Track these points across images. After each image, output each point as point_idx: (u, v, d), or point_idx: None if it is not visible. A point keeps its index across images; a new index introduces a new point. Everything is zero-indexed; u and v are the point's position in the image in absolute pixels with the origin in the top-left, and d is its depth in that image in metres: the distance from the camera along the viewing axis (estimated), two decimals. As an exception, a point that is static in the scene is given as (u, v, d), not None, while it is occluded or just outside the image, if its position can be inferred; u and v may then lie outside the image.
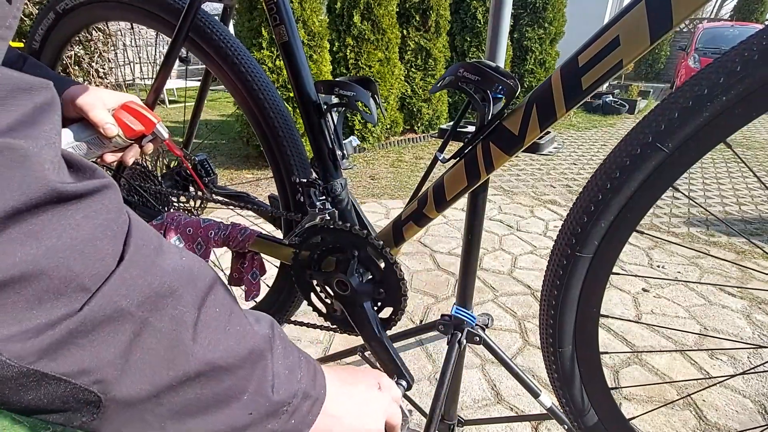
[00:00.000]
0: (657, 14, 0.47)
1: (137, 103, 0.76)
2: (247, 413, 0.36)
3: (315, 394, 0.42)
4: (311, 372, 0.43)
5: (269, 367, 0.38)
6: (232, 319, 0.36)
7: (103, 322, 0.28)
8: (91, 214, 0.28)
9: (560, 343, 0.64)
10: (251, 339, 0.37)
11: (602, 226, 0.54)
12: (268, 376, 0.38)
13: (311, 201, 0.84)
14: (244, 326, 0.37)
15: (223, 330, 0.35)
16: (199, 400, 0.34)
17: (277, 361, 0.39)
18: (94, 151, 0.74)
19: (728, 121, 0.46)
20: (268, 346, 0.39)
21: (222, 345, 0.34)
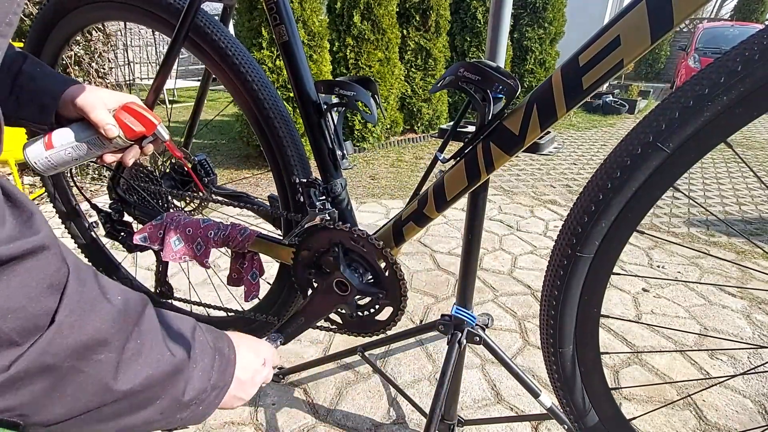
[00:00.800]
0: (658, 14, 0.47)
1: (138, 104, 0.76)
2: (158, 413, 0.42)
3: (223, 383, 0.49)
4: (223, 366, 0.50)
5: (182, 379, 0.43)
6: (153, 347, 0.40)
7: (28, 377, 0.30)
8: (26, 275, 0.29)
9: (561, 343, 0.64)
10: (169, 363, 0.41)
11: (603, 226, 0.54)
12: (181, 385, 0.43)
13: (311, 201, 0.84)
14: (163, 353, 0.41)
15: (144, 362, 0.39)
16: (115, 413, 0.38)
17: (191, 369, 0.44)
18: (94, 151, 0.74)
19: (729, 121, 0.46)
20: (185, 363, 0.44)
21: (141, 375, 0.38)
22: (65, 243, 1.38)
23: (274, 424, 1.37)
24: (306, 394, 1.49)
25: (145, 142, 0.79)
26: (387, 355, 1.68)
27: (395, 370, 1.60)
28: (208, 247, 0.95)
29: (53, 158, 0.71)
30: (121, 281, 1.50)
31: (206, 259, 0.97)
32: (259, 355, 0.60)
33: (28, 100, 0.70)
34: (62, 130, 0.72)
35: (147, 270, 2.13)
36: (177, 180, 1.15)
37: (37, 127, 0.72)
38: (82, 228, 1.45)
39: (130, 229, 1.19)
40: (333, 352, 1.58)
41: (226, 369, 0.50)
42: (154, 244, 0.98)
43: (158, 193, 1.13)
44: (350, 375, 1.57)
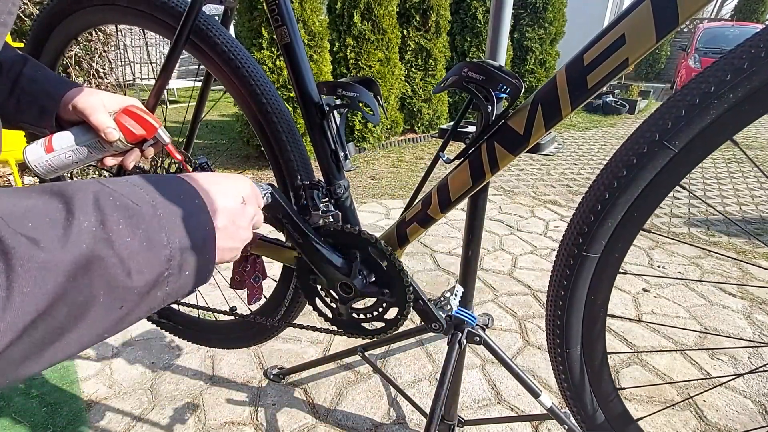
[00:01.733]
0: (663, 12, 0.47)
1: (139, 107, 0.76)
2: (115, 309, 0.35)
3: (198, 238, 0.41)
4: (182, 218, 0.40)
5: (111, 263, 0.34)
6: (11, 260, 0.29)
7: None
8: None
9: (568, 344, 0.63)
10: (62, 264, 0.31)
11: (609, 225, 0.54)
12: (116, 270, 0.34)
13: (314, 203, 0.84)
14: (38, 259, 0.31)
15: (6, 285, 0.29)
16: (45, 336, 0.31)
17: (119, 244, 0.34)
18: (95, 154, 0.74)
19: (735, 119, 0.45)
20: (100, 244, 0.33)
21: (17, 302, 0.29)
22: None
23: (274, 424, 1.37)
24: (306, 394, 1.48)
25: (146, 145, 0.78)
26: (387, 355, 1.67)
27: (395, 370, 1.60)
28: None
29: (53, 161, 0.71)
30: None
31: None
32: (232, 192, 0.50)
33: (28, 103, 0.70)
34: (63, 133, 0.71)
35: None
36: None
37: (38, 130, 0.72)
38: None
39: None
40: (333, 352, 1.58)
41: (190, 220, 0.41)
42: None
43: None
44: (350, 375, 1.57)
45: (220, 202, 0.46)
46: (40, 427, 1.34)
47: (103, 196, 0.36)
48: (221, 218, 0.46)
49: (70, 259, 0.32)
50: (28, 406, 1.41)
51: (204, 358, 1.65)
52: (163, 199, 0.39)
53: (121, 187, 0.38)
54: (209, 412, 1.40)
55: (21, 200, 0.32)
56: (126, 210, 0.36)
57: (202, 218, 0.42)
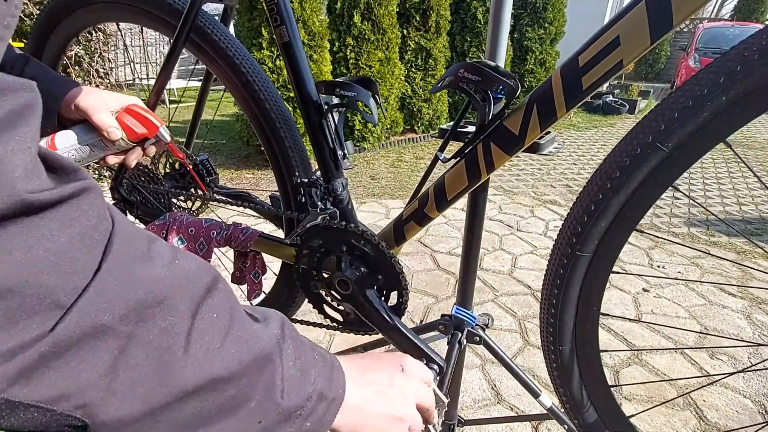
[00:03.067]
0: (657, 14, 0.48)
1: (140, 106, 0.76)
2: (255, 421, 0.34)
3: (332, 394, 0.40)
4: (327, 370, 0.41)
5: (278, 372, 0.36)
6: (233, 323, 0.34)
7: (81, 341, 0.26)
8: (67, 222, 0.26)
9: (560, 342, 0.64)
10: (255, 344, 0.34)
11: (602, 226, 0.55)
12: (277, 381, 0.35)
13: (312, 201, 0.84)
14: (246, 331, 0.35)
15: (222, 337, 0.32)
16: (200, 414, 0.31)
17: (287, 363, 0.37)
18: (97, 153, 0.75)
19: (728, 121, 0.46)
20: (277, 349, 0.36)
21: (221, 354, 0.32)
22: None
23: (275, 423, 1.37)
24: (306, 394, 1.49)
25: (148, 144, 0.79)
26: (387, 354, 1.68)
27: (395, 369, 1.60)
28: (211, 246, 0.96)
29: None
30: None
31: (209, 258, 0.97)
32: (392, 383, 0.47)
33: None
34: (65, 132, 0.72)
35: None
36: (179, 180, 1.15)
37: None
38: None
39: None
40: (334, 351, 1.58)
41: (332, 374, 0.41)
42: (156, 243, 0.98)
43: (161, 193, 1.13)
44: (351, 375, 1.57)
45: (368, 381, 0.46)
46: (41, 426, 1.35)
47: (286, 321, 0.41)
48: (363, 396, 0.44)
49: (260, 345, 0.35)
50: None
51: (204, 358, 1.65)
52: (318, 349, 0.42)
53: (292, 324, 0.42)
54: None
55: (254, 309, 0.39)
56: (297, 338, 0.40)
57: (341, 377, 0.42)
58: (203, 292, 0.33)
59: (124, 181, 1.16)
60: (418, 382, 0.50)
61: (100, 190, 0.29)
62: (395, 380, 0.48)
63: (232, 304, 0.35)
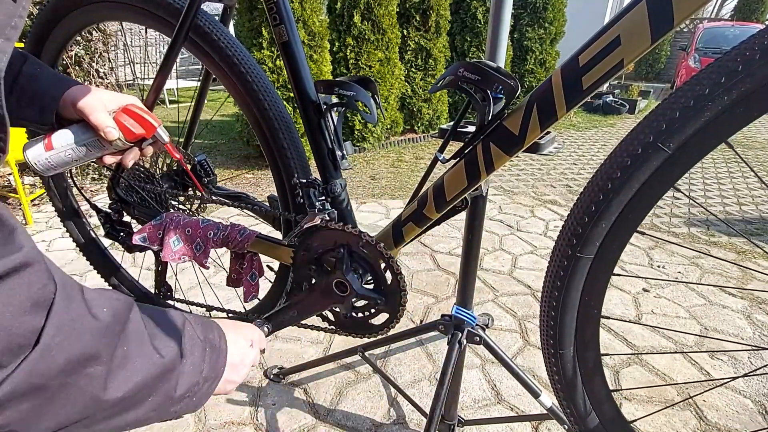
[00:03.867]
0: (658, 13, 0.47)
1: (138, 107, 0.76)
2: (150, 410, 0.42)
3: (215, 374, 0.51)
4: (214, 359, 0.51)
5: (173, 377, 0.43)
6: (141, 351, 0.40)
7: (17, 398, 0.30)
8: (8, 295, 0.28)
9: (561, 345, 0.64)
10: (159, 364, 0.41)
11: (603, 227, 0.54)
12: (173, 383, 0.43)
13: (311, 201, 0.84)
14: (152, 355, 0.41)
15: (132, 368, 0.38)
16: (106, 417, 0.37)
17: (183, 365, 0.45)
18: (94, 152, 0.74)
19: (730, 121, 0.45)
20: (176, 361, 0.44)
21: (131, 381, 0.38)
22: (65, 242, 1.38)
23: (274, 424, 1.37)
24: (306, 394, 1.49)
25: (145, 144, 0.79)
26: (387, 355, 1.67)
27: (395, 370, 1.60)
28: (208, 247, 0.95)
29: (53, 159, 0.72)
30: (122, 282, 1.49)
31: (205, 259, 0.97)
32: (246, 338, 0.62)
33: (28, 101, 0.70)
34: (62, 131, 0.72)
35: (147, 270, 2.13)
36: (177, 180, 1.15)
37: (37, 128, 0.72)
38: (82, 228, 1.45)
39: (130, 230, 1.18)
40: (333, 352, 1.58)
41: (218, 360, 0.51)
42: (153, 244, 0.98)
43: (158, 194, 1.13)
44: (350, 375, 1.57)
45: (234, 345, 0.57)
46: None
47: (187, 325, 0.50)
48: (235, 357, 0.56)
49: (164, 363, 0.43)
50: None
51: (203, 358, 1.65)
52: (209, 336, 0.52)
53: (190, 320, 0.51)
54: (209, 412, 1.41)
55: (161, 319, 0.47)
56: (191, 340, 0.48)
57: (221, 360, 0.53)
58: (121, 330, 0.39)
59: (121, 181, 1.15)
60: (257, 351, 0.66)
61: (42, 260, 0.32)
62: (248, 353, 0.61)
63: (140, 331, 0.41)
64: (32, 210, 2.75)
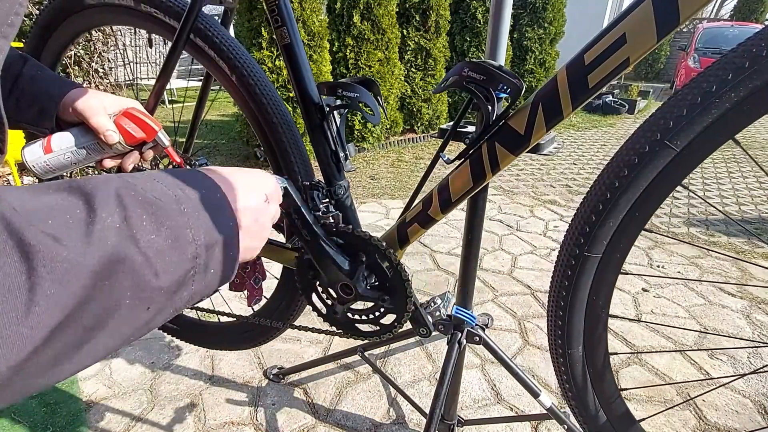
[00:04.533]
0: (664, 11, 0.47)
1: (139, 110, 0.76)
2: (143, 311, 0.33)
3: (222, 235, 0.39)
4: (207, 213, 0.38)
5: (137, 262, 0.32)
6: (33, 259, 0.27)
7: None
8: None
9: (569, 345, 0.63)
10: (87, 265, 0.29)
11: (611, 225, 0.54)
12: (143, 270, 0.32)
13: (314, 203, 0.84)
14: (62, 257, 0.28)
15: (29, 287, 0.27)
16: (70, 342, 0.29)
17: (144, 243, 0.32)
18: (93, 156, 0.74)
19: (737, 118, 0.45)
20: (125, 242, 0.31)
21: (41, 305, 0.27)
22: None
23: (274, 424, 1.37)
24: (306, 394, 1.48)
25: (146, 148, 0.78)
26: (387, 355, 1.67)
27: (395, 370, 1.60)
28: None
29: (51, 162, 0.71)
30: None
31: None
32: (257, 189, 0.48)
33: (27, 103, 0.69)
34: (61, 134, 0.71)
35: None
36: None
37: (37, 130, 0.72)
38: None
39: None
40: (333, 352, 1.58)
41: (216, 216, 0.39)
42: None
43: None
44: (350, 375, 1.57)
45: (244, 199, 0.45)
46: (40, 427, 1.34)
47: (125, 191, 0.34)
48: (245, 216, 0.44)
49: (95, 259, 0.30)
50: (27, 406, 1.41)
51: (203, 358, 1.65)
52: (185, 195, 0.38)
53: (143, 182, 0.36)
54: (209, 412, 1.40)
55: (40, 197, 0.30)
56: (149, 206, 0.34)
57: (226, 214, 0.40)
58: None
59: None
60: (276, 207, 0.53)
61: None
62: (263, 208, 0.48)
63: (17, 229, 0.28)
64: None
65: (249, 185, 0.47)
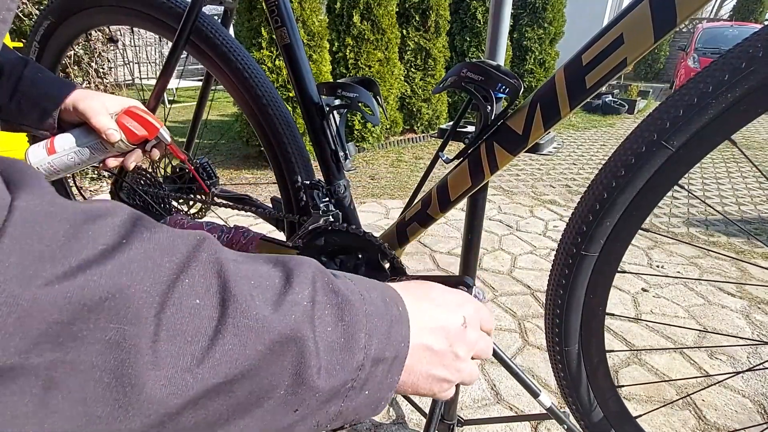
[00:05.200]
0: (661, 12, 0.47)
1: (140, 108, 0.77)
2: (289, 411, 0.29)
3: (391, 353, 0.33)
4: (384, 324, 0.33)
5: (309, 349, 0.28)
6: (229, 306, 0.25)
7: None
8: None
9: (566, 342, 0.64)
10: (269, 329, 0.26)
11: (608, 225, 0.55)
12: (310, 361, 0.28)
13: (314, 203, 0.84)
14: (251, 314, 0.26)
15: (212, 332, 0.24)
16: (210, 414, 0.25)
17: (321, 334, 0.29)
18: (97, 155, 0.75)
19: (733, 119, 0.46)
20: (305, 323, 0.28)
21: (212, 357, 0.24)
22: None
23: (275, 424, 1.37)
24: (307, 394, 1.48)
25: (148, 146, 0.79)
26: (387, 355, 1.67)
27: (396, 370, 1.60)
28: (211, 248, 0.95)
29: (55, 163, 0.72)
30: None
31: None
32: (451, 309, 0.40)
33: (29, 106, 0.70)
34: (64, 135, 0.72)
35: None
36: (179, 183, 1.15)
37: (39, 133, 0.73)
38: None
39: None
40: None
41: (391, 328, 0.33)
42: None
43: (161, 197, 1.13)
44: (351, 375, 1.57)
45: (429, 319, 0.38)
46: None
47: (320, 275, 0.32)
48: (432, 336, 0.37)
49: (278, 327, 0.27)
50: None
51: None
52: (370, 297, 0.34)
53: (335, 273, 0.34)
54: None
55: (250, 261, 0.30)
56: (336, 295, 0.32)
57: (403, 329, 0.35)
58: (173, 275, 0.24)
59: (124, 185, 1.15)
60: (485, 336, 0.44)
61: None
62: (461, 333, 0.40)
63: (226, 276, 0.26)
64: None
65: (439, 302, 0.40)
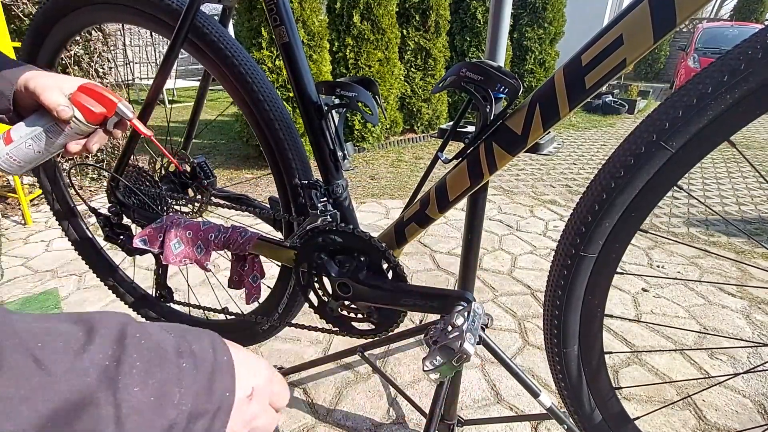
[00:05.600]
0: (660, 13, 0.47)
1: (95, 84, 0.72)
2: None
3: (213, 405, 0.33)
4: (203, 377, 0.33)
5: (102, 414, 0.27)
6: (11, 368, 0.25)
7: None
8: None
9: (565, 344, 0.64)
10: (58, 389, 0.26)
11: (606, 226, 0.54)
12: (104, 426, 0.27)
13: (312, 203, 0.84)
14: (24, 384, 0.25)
15: None
16: None
17: (124, 395, 0.28)
18: (56, 140, 0.70)
19: (732, 120, 0.46)
20: (103, 386, 0.28)
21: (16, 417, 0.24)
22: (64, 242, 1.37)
23: (275, 424, 1.36)
24: (306, 394, 1.48)
25: (109, 124, 0.74)
26: (387, 355, 1.67)
27: (395, 370, 1.60)
28: (209, 249, 0.95)
29: (15, 154, 0.68)
30: (119, 283, 1.49)
31: (207, 261, 0.96)
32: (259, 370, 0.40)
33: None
34: (20, 123, 0.69)
35: (146, 270, 2.13)
36: (176, 182, 1.15)
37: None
38: (79, 229, 1.45)
39: (130, 233, 1.18)
40: (333, 352, 1.58)
41: (212, 378, 0.33)
42: (153, 247, 0.98)
43: (157, 196, 1.12)
44: (350, 375, 1.57)
45: (253, 375, 0.38)
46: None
47: (131, 329, 0.31)
48: (246, 390, 0.37)
49: (63, 392, 0.26)
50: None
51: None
52: (190, 350, 0.33)
53: (152, 327, 0.33)
54: (208, 412, 1.40)
55: (43, 321, 0.28)
56: (147, 352, 0.31)
57: (226, 381, 0.34)
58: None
59: (120, 185, 1.15)
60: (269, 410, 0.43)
61: None
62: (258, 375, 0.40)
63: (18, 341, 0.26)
64: (31, 210, 2.75)
65: (252, 365, 0.39)
